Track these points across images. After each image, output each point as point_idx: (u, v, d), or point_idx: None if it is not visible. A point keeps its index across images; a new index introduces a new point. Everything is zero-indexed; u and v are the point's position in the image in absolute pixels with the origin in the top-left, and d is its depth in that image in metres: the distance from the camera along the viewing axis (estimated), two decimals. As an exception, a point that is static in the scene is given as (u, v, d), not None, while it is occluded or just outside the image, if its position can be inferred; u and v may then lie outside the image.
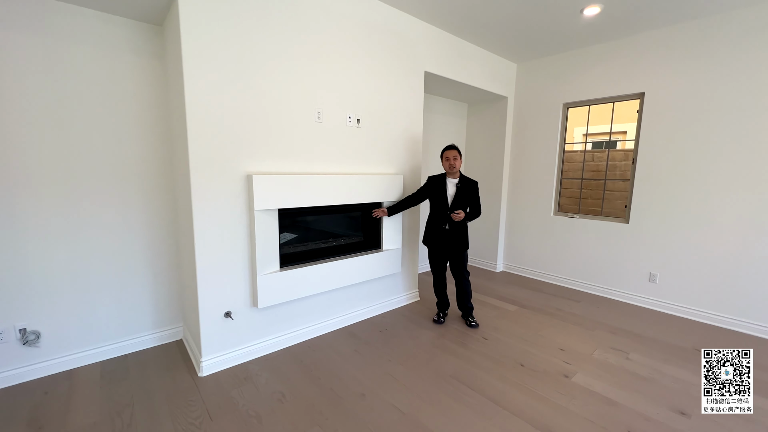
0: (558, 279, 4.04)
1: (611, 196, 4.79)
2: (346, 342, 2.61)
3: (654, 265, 3.33)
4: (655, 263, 3.33)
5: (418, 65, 3.13)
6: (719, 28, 2.85)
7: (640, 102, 3.36)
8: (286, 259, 2.52)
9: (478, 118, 4.59)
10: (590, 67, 3.62)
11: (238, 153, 2.16)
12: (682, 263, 3.16)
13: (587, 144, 5.67)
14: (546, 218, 4.11)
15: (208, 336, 2.17)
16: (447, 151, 2.78)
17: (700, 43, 2.95)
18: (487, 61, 3.85)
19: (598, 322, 3.04)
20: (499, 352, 2.51)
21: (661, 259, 3.29)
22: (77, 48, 2.05)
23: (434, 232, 2.86)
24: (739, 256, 2.88)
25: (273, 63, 2.24)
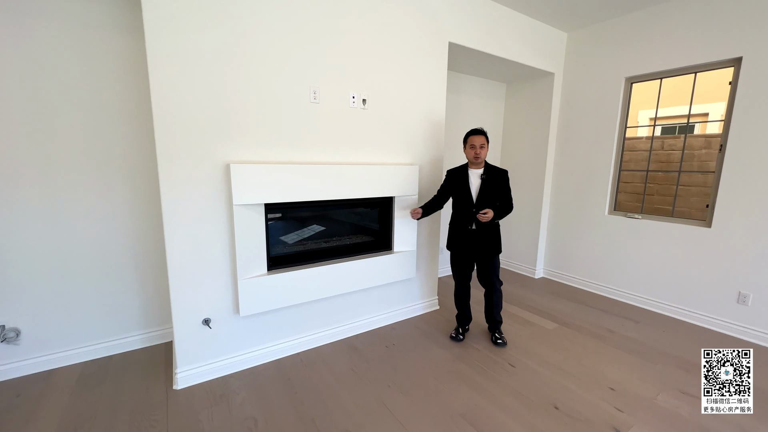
0: (611, 291, 3.36)
1: (685, 192, 3.94)
2: (345, 357, 2.27)
3: (745, 282, 2.58)
4: (746, 280, 2.58)
5: (440, 35, 2.64)
6: None
7: (735, 71, 2.58)
8: (279, 261, 2.23)
9: (518, 99, 3.95)
10: (664, 28, 2.87)
11: (217, 140, 1.87)
12: (789, 282, 2.40)
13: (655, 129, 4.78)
14: (598, 217, 3.43)
15: (184, 346, 1.93)
16: (473, 137, 2.29)
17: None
18: (530, 29, 3.23)
19: (664, 353, 2.40)
20: (527, 386, 2.02)
21: (754, 274, 2.53)
22: (49, 23, 1.87)
23: (458, 234, 2.38)
24: None
25: (257, 34, 1.91)
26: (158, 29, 1.66)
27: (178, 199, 1.80)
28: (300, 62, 2.06)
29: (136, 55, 2.07)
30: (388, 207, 2.61)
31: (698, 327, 2.78)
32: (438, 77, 2.69)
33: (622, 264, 3.28)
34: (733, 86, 2.60)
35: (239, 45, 1.87)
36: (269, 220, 2.16)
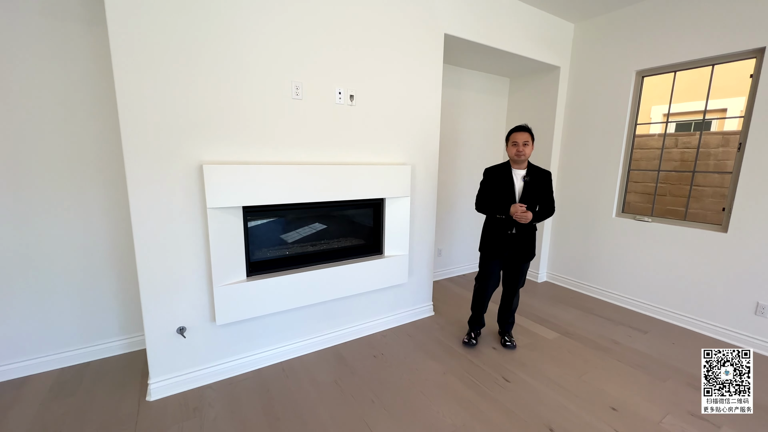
0: (618, 298, 3.18)
1: (700, 194, 3.71)
2: (330, 368, 2.16)
3: (764, 293, 2.39)
4: (765, 290, 2.38)
5: (435, 26, 2.48)
6: None
7: (757, 63, 2.37)
8: (260, 266, 2.12)
9: (522, 95, 3.76)
10: (678, 18, 2.66)
11: (189, 139, 1.76)
12: (813, 294, 2.20)
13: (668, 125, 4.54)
14: (606, 220, 3.24)
15: (157, 355, 1.84)
16: (516, 133, 2.14)
17: None
18: (535, 20, 3.04)
19: (673, 368, 2.23)
20: (521, 403, 1.87)
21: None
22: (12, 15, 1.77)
23: (496, 237, 2.25)
24: None
25: (232, 24, 1.79)
26: (121, 18, 1.55)
27: (147, 202, 1.70)
28: (280, 55, 1.94)
29: (108, 49, 1.96)
30: (379, 209, 2.48)
31: (712, 339, 2.59)
32: (433, 71, 2.53)
33: (631, 269, 3.09)
34: (754, 79, 2.38)
35: (212, 36, 1.75)
36: (249, 223, 2.05)
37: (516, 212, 2.08)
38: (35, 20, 1.80)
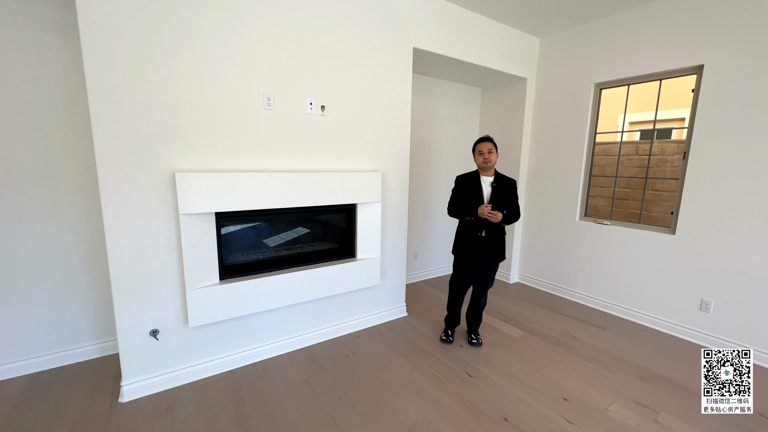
0: (582, 297, 3.36)
1: (659, 198, 3.95)
2: (302, 367, 2.24)
3: (707, 290, 2.59)
4: (709, 287, 2.58)
5: (404, 40, 2.62)
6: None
7: (697, 78, 2.59)
8: (234, 270, 2.19)
9: (493, 104, 3.95)
10: (630, 37, 2.87)
11: (162, 147, 1.83)
12: (746, 289, 2.40)
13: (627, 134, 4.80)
14: (570, 223, 3.43)
15: (130, 358, 1.89)
16: (481, 144, 2.32)
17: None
18: (501, 35, 3.22)
19: (625, 361, 2.40)
20: (482, 397, 2.00)
21: (717, 282, 2.54)
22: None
23: (468, 240, 2.40)
24: (836, 286, 2.10)
25: (206, 35, 1.88)
26: (93, 26, 1.61)
27: (120, 208, 1.76)
28: (252, 68, 2.03)
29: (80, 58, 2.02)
30: (351, 214, 2.59)
31: (663, 334, 2.78)
32: (403, 83, 2.67)
33: (592, 270, 3.28)
34: (695, 93, 2.60)
35: (184, 48, 1.83)
36: (223, 228, 2.13)
37: (483, 213, 2.22)
38: (6, 30, 1.85)
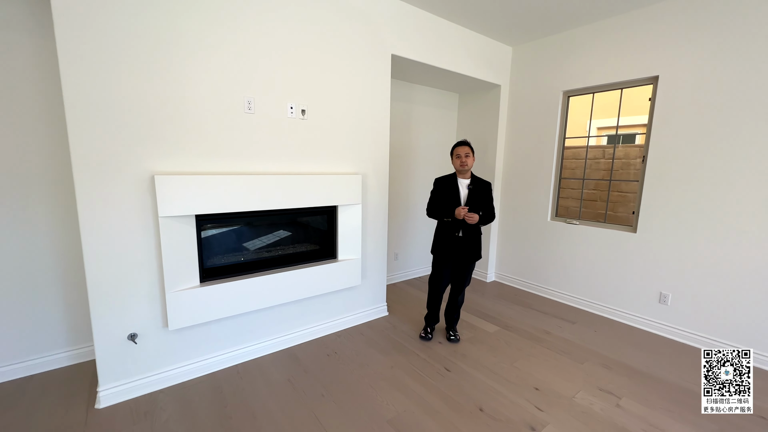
0: (554, 294, 3.53)
1: (624, 199, 4.19)
2: (284, 368, 2.26)
3: (665, 284, 2.79)
4: (666, 281, 2.78)
5: (383, 47, 2.70)
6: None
7: (653, 88, 2.80)
8: (215, 272, 2.19)
9: (469, 109, 4.09)
10: (594, 48, 3.07)
11: (141, 150, 1.83)
12: (700, 282, 2.61)
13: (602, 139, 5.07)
14: (542, 223, 3.60)
15: (107, 363, 1.87)
16: (458, 147, 2.43)
17: (726, 14, 2.37)
18: (476, 43, 3.36)
19: (591, 351, 2.55)
20: (458, 389, 2.09)
21: (674, 276, 2.74)
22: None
23: (445, 240, 2.48)
24: None
25: (187, 39, 1.89)
26: (69, 25, 1.61)
27: (97, 210, 1.75)
28: (233, 71, 2.06)
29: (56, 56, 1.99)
30: (332, 216, 2.64)
31: (626, 326, 2.97)
32: (381, 88, 2.75)
33: (563, 267, 3.45)
34: (652, 102, 2.81)
35: (164, 48, 1.84)
36: (204, 231, 2.13)
37: (460, 214, 2.31)
38: (-23, 31, 1.81)
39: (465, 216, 2.31)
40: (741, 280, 2.43)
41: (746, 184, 2.37)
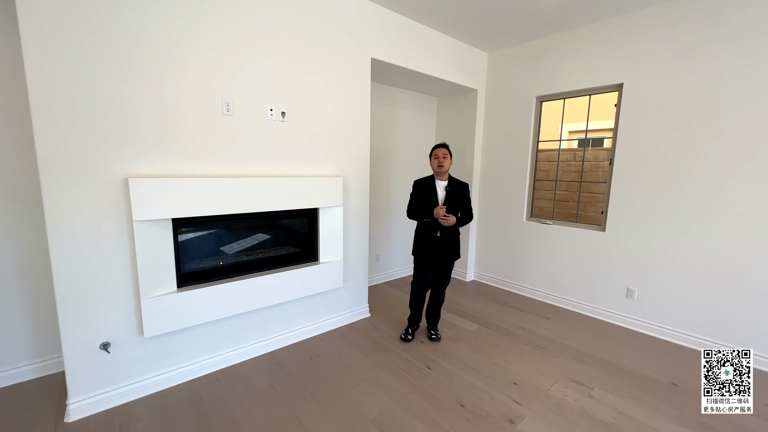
0: (530, 291, 3.66)
1: (593, 199, 4.41)
2: (265, 373, 2.24)
3: (632, 279, 2.95)
4: (633, 277, 2.95)
5: (363, 51, 2.73)
6: (702, 10, 2.45)
7: (618, 94, 2.96)
8: (194, 277, 2.15)
9: (447, 112, 4.19)
10: (565, 56, 3.22)
11: (114, 152, 1.77)
12: (663, 277, 2.78)
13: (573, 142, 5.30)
14: (518, 224, 3.73)
15: (77, 374, 1.79)
16: (436, 149, 2.49)
17: (682, 27, 2.55)
18: (453, 49, 3.45)
19: (565, 346, 2.66)
20: (440, 387, 2.13)
21: (639, 272, 2.91)
22: None
23: (425, 240, 2.52)
24: (726, 270, 2.50)
25: (163, 39, 1.85)
26: (35, 21, 1.54)
27: (65, 214, 1.68)
28: (211, 72, 2.02)
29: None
30: (313, 218, 2.63)
31: (597, 320, 3.12)
32: (362, 91, 2.77)
33: (538, 265, 3.58)
34: (617, 108, 2.98)
35: (138, 46, 1.79)
36: (181, 235, 2.08)
37: (439, 214, 2.37)
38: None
39: (442, 217, 2.36)
40: (700, 274, 2.61)
41: (706, 184, 2.55)
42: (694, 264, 2.63)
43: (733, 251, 2.46)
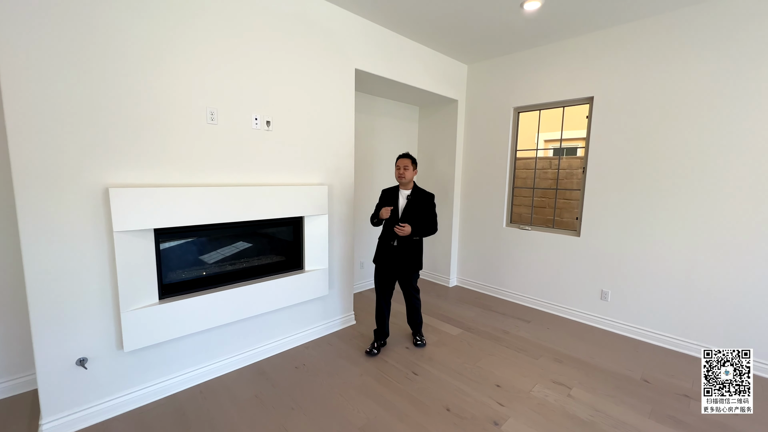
0: (511, 295, 3.77)
1: (569, 205, 4.58)
2: (250, 384, 2.21)
3: (606, 282, 3.10)
4: (606, 280, 3.10)
5: (347, 62, 2.78)
6: (662, 29, 2.65)
7: (590, 107, 3.14)
8: (176, 288, 2.10)
9: (429, 122, 4.29)
10: (539, 69, 3.38)
11: (94, 161, 1.73)
12: (634, 280, 2.94)
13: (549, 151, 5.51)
14: (498, 230, 3.84)
15: (51, 392, 1.72)
16: (399, 160, 2.52)
17: (644, 45, 2.74)
18: (434, 61, 3.55)
19: (545, 348, 2.76)
20: (426, 392, 2.17)
21: (612, 275, 3.06)
22: None
23: (382, 249, 2.54)
24: (691, 273, 2.67)
25: (146, 46, 1.83)
26: (11, 25, 1.50)
27: (41, 225, 1.62)
28: (195, 81, 2.02)
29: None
30: (298, 226, 2.63)
31: (574, 322, 3.24)
32: (346, 101, 2.81)
33: (518, 270, 3.70)
34: (589, 119, 3.15)
35: (120, 54, 1.77)
36: (163, 245, 2.04)
37: (384, 215, 2.40)
38: None
39: (396, 226, 2.36)
40: (668, 277, 2.78)
41: (672, 193, 2.72)
42: (662, 267, 2.80)
43: (698, 256, 2.63)
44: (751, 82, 2.36)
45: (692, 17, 2.54)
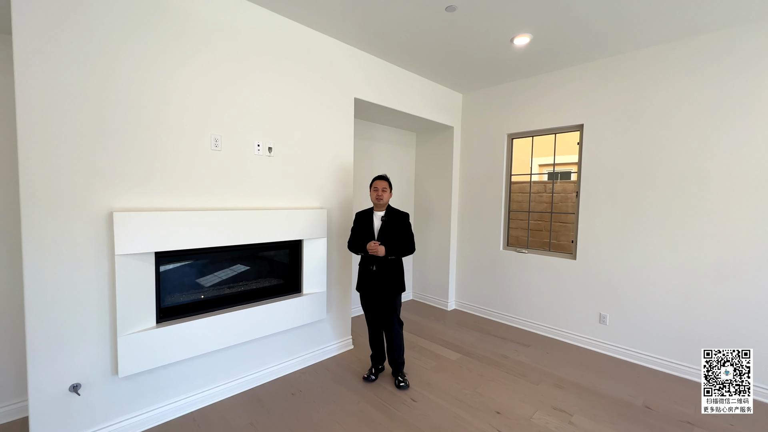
0: (509, 319, 3.75)
1: (565, 228, 4.65)
2: (246, 411, 2.16)
3: (603, 305, 3.11)
4: (604, 303, 3.10)
5: (346, 91, 2.91)
6: (647, 61, 2.81)
7: (580, 134, 3.26)
8: (174, 312, 2.10)
9: (426, 147, 4.41)
10: (532, 98, 3.53)
11: (100, 185, 1.79)
12: (631, 303, 2.95)
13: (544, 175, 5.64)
14: (495, 253, 3.87)
15: (42, 420, 1.68)
16: (376, 181, 2.48)
17: (630, 75, 2.90)
18: (430, 90, 3.71)
19: (545, 373, 2.73)
20: (425, 419, 2.12)
21: (610, 298, 3.07)
22: None
23: (362, 274, 2.51)
24: (689, 296, 2.69)
25: (154, 78, 1.93)
26: (29, 58, 1.59)
27: (44, 250, 1.65)
28: (201, 110, 2.10)
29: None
30: (297, 250, 2.66)
31: (573, 346, 3.22)
32: (345, 128, 2.92)
33: (516, 293, 3.70)
34: (580, 146, 3.26)
35: (130, 83, 1.85)
36: (163, 268, 2.06)
37: (369, 248, 2.35)
38: None
39: (371, 249, 2.34)
40: (665, 300, 2.79)
41: (664, 216, 2.78)
42: (659, 289, 2.81)
43: (695, 276, 2.66)
44: (736, 104, 2.47)
45: (675, 50, 2.69)
